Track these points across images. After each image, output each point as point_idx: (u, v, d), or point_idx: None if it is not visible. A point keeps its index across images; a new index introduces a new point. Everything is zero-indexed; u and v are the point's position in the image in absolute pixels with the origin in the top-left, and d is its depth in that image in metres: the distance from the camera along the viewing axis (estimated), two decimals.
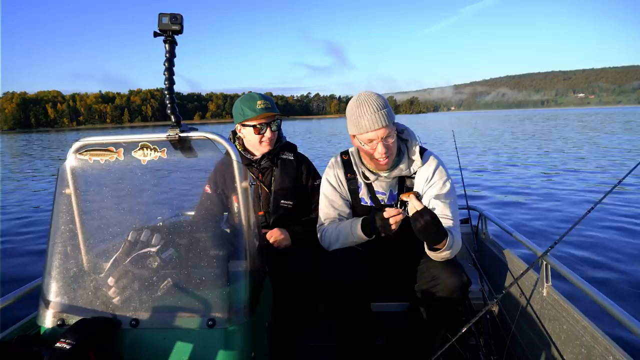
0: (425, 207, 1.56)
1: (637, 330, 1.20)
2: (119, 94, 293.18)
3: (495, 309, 2.26)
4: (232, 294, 1.35)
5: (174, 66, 1.39)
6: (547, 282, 1.82)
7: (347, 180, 2.03)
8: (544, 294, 1.81)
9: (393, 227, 1.70)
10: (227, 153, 1.42)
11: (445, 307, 1.77)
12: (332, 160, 2.10)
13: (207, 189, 2.06)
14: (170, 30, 1.34)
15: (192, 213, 2.07)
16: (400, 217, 1.69)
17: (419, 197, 1.62)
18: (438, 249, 1.71)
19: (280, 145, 2.29)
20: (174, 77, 1.41)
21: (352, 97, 1.94)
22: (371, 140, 1.82)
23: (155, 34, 1.34)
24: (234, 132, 2.29)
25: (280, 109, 2.25)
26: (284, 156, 2.29)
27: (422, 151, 2.00)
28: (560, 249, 4.64)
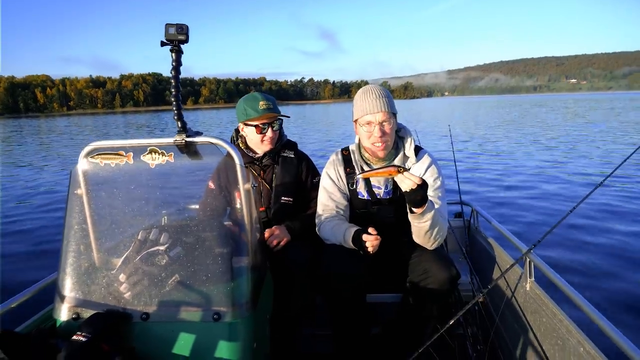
0: (422, 179, 1.68)
1: (606, 327, 1.31)
2: (110, 78, 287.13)
3: (483, 300, 2.37)
4: (235, 289, 1.44)
5: (180, 74, 1.45)
6: (530, 278, 1.92)
7: (347, 174, 2.15)
8: (527, 289, 1.92)
9: (370, 250, 1.80)
10: (230, 156, 1.50)
11: (436, 299, 1.88)
12: (333, 156, 2.22)
13: (211, 184, 2.13)
14: (176, 40, 1.39)
15: (197, 207, 2.14)
16: (377, 242, 1.80)
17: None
18: (417, 213, 1.77)
19: (282, 143, 2.37)
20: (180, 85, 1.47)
21: (346, 82, 2.02)
22: (369, 123, 1.97)
23: (162, 44, 1.40)
24: (237, 131, 2.37)
25: (274, 94, 2.32)
26: (285, 154, 2.37)
27: (418, 149, 2.13)
28: (549, 241, 4.74)
